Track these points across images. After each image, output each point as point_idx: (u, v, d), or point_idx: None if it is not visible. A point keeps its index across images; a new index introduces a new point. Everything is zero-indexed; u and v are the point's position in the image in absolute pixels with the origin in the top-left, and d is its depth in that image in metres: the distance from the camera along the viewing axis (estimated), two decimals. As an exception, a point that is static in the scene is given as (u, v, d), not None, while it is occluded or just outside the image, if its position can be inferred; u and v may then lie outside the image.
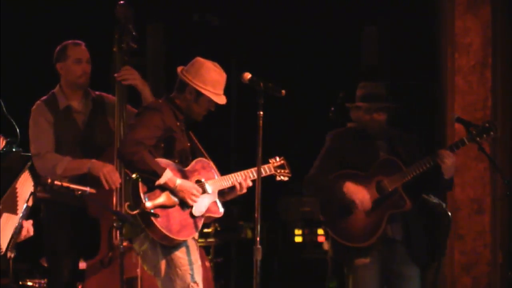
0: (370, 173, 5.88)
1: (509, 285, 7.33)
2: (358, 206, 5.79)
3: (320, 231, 8.78)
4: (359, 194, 5.79)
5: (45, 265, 6.42)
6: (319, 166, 5.99)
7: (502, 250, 7.62)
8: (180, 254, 5.34)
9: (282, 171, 5.78)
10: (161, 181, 5.25)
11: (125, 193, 5.67)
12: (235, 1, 8.92)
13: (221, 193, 5.55)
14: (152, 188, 5.28)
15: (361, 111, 5.95)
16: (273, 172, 5.73)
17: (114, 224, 5.23)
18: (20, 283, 6.76)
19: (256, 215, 4.93)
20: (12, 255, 6.32)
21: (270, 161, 5.75)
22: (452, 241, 7.56)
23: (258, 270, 4.93)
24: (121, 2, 6.20)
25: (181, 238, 5.32)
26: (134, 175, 5.27)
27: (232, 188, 5.55)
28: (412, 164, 5.80)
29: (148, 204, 5.22)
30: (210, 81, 5.41)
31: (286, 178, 5.79)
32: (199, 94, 5.42)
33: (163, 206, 5.28)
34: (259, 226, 4.91)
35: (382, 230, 5.81)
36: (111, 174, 5.87)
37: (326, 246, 8.29)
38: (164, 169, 5.27)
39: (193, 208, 5.36)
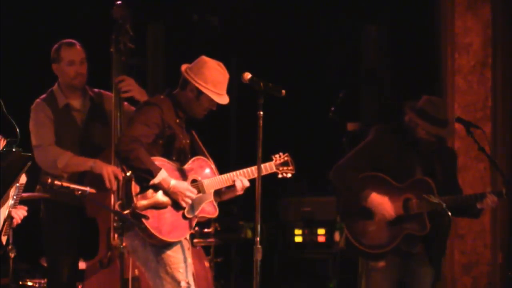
0: (402, 188, 5.79)
1: (509, 285, 7.34)
2: (380, 218, 5.75)
3: (320, 231, 8.76)
4: (381, 206, 5.74)
5: (45, 265, 6.42)
6: (352, 159, 5.85)
7: (502, 250, 7.62)
8: (170, 253, 5.28)
9: (285, 168, 5.64)
10: (155, 181, 5.18)
11: (119, 192, 5.63)
12: (235, 1, 8.92)
13: (218, 193, 5.48)
14: (146, 187, 5.22)
15: (417, 125, 5.75)
16: (274, 170, 5.61)
17: (115, 224, 5.18)
18: (20, 283, 6.76)
19: (256, 215, 4.92)
20: (12, 255, 6.34)
21: (273, 157, 5.63)
22: (452, 241, 7.56)
23: (258, 270, 4.92)
24: (118, 2, 6.17)
25: (171, 240, 5.26)
26: (128, 173, 5.23)
27: (229, 187, 5.47)
28: (448, 196, 5.69)
29: (139, 204, 5.16)
30: (211, 80, 5.37)
31: (289, 175, 5.66)
32: (199, 92, 5.37)
33: (155, 207, 5.22)
34: (259, 226, 4.90)
35: (396, 244, 5.76)
36: (116, 173, 5.86)
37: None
38: (159, 169, 5.20)
39: (186, 209, 5.30)
